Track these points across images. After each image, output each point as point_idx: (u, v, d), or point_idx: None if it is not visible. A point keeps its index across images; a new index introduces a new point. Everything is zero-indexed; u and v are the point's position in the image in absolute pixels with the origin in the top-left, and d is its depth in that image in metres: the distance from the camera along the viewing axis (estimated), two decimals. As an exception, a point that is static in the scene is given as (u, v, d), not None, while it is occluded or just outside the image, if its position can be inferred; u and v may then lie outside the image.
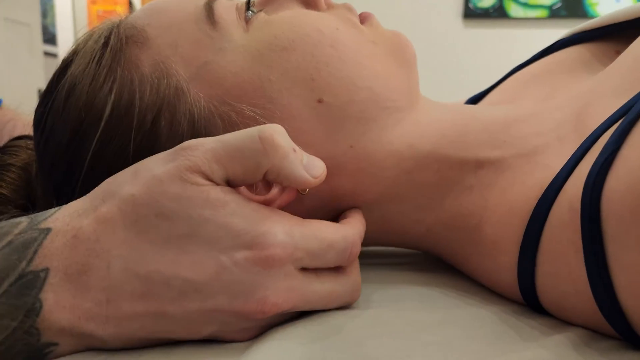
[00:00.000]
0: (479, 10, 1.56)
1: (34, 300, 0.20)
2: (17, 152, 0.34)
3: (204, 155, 0.22)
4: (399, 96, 0.31)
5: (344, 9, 0.33)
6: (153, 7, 0.31)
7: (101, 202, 0.22)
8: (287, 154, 0.23)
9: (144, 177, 0.22)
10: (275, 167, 0.23)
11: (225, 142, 0.23)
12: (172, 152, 0.23)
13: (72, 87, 0.28)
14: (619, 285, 0.22)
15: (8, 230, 0.21)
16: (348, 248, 0.25)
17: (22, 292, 0.20)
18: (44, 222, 0.22)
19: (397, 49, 0.32)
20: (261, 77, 0.28)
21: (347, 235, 0.25)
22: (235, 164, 0.23)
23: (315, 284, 0.24)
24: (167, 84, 0.28)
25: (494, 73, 0.50)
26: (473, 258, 0.31)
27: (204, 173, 0.22)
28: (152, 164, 0.23)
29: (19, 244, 0.21)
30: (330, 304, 0.26)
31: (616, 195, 0.22)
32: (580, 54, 0.39)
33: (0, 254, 0.20)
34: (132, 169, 0.24)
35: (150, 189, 0.22)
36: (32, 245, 0.21)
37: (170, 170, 0.22)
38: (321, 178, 0.25)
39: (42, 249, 0.21)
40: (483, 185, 0.30)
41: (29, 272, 0.20)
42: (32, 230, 0.21)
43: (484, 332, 0.25)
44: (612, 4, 1.53)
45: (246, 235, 0.22)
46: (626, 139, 0.23)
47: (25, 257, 0.20)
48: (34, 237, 0.21)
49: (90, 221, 0.22)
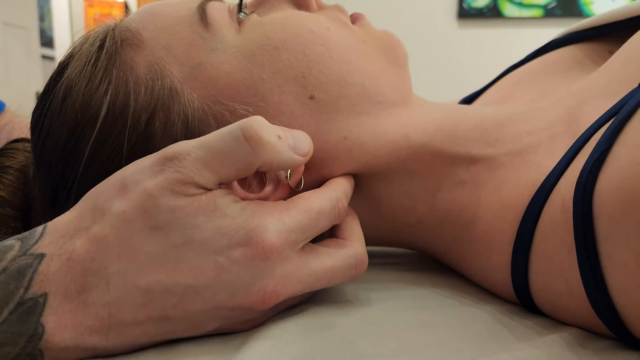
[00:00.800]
0: (474, 10, 1.56)
1: (35, 326, 0.20)
2: (14, 154, 0.35)
3: (193, 165, 0.23)
4: (391, 92, 0.31)
5: (335, 10, 0.33)
6: (147, 10, 0.31)
7: (92, 221, 0.22)
8: (275, 145, 0.23)
9: (133, 191, 0.22)
10: (266, 161, 0.23)
11: (212, 147, 0.23)
12: (158, 161, 0.23)
13: (68, 89, 0.29)
14: (612, 284, 0.22)
15: (1, 257, 0.21)
16: (335, 207, 0.26)
17: (23, 319, 0.20)
18: (36, 247, 0.21)
19: (388, 48, 0.33)
20: (253, 76, 0.29)
21: (331, 196, 0.26)
22: (227, 168, 0.23)
23: (313, 263, 0.25)
24: (162, 85, 0.28)
25: (489, 73, 0.50)
26: (467, 256, 0.31)
27: (196, 183, 0.23)
28: (139, 176, 0.23)
29: (14, 271, 0.21)
30: (334, 281, 0.26)
31: (607, 194, 0.22)
32: (573, 54, 0.40)
33: None
34: (118, 181, 0.23)
35: (143, 205, 0.22)
36: (28, 271, 0.21)
37: (161, 184, 0.22)
38: (310, 152, 0.26)
39: (38, 275, 0.21)
40: (476, 182, 0.30)
41: (28, 299, 0.20)
42: (25, 256, 0.21)
43: (476, 331, 0.25)
44: (607, 3, 1.53)
45: (239, 233, 0.22)
46: (617, 138, 0.23)
47: (22, 284, 0.20)
48: (28, 263, 0.21)
49: (83, 242, 0.22)
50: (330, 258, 0.26)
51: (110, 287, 0.21)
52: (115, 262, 0.22)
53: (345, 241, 0.27)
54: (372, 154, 0.30)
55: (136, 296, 0.22)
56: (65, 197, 0.28)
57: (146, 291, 0.22)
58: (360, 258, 0.27)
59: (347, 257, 0.26)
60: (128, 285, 0.21)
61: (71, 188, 0.28)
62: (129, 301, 0.21)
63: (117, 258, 0.22)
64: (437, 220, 0.32)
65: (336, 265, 0.26)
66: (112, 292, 0.21)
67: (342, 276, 0.26)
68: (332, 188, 0.28)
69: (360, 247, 0.27)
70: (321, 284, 0.25)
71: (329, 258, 0.25)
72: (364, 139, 0.30)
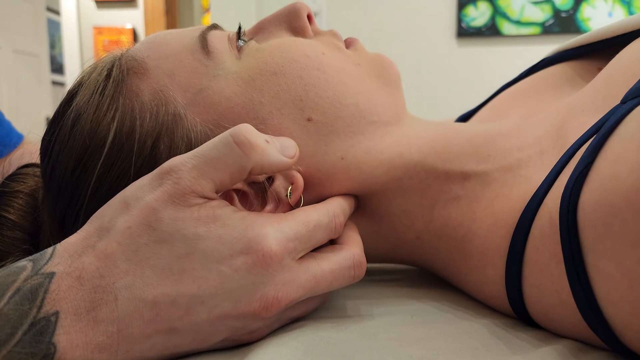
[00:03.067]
0: (472, 29, 1.59)
1: (47, 345, 0.21)
2: (24, 179, 0.36)
3: (190, 175, 0.24)
4: (385, 111, 0.32)
5: (330, 35, 0.35)
6: (152, 40, 0.33)
7: (97, 239, 0.23)
8: (264, 148, 0.25)
9: (135, 207, 0.23)
10: (257, 163, 0.25)
11: (205, 156, 0.24)
12: (156, 176, 0.24)
13: (77, 116, 0.30)
14: (600, 295, 0.22)
15: (15, 278, 0.22)
16: (332, 221, 0.27)
17: (36, 340, 0.20)
18: (46, 267, 0.22)
19: (381, 69, 0.34)
20: (253, 100, 0.30)
21: (329, 210, 0.28)
22: (221, 174, 0.24)
23: (313, 268, 0.25)
24: (166, 111, 0.29)
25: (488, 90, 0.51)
26: (463, 270, 0.32)
27: (195, 192, 0.24)
28: (140, 192, 0.24)
29: (27, 291, 0.21)
30: (335, 283, 0.27)
31: (590, 207, 0.22)
32: (563, 72, 0.41)
33: (12, 302, 0.21)
34: (121, 200, 0.24)
35: (146, 219, 0.23)
36: (40, 291, 0.21)
37: (161, 197, 0.23)
38: (297, 155, 0.27)
39: (50, 294, 0.21)
40: (470, 197, 0.31)
41: (41, 318, 0.21)
42: (37, 276, 0.22)
43: (471, 345, 0.25)
44: (604, 20, 1.55)
45: (240, 242, 0.23)
46: (599, 152, 0.23)
47: (35, 304, 0.21)
48: (39, 282, 0.21)
49: (91, 259, 0.22)
50: (329, 261, 0.26)
51: (118, 302, 0.22)
52: (122, 277, 0.22)
53: (341, 245, 0.28)
54: (368, 173, 0.31)
55: (143, 310, 0.22)
56: (73, 220, 0.30)
57: (153, 304, 0.22)
58: (358, 259, 0.28)
59: (345, 259, 0.27)
60: (135, 299, 0.22)
61: (79, 211, 0.29)
62: (136, 316, 0.22)
63: (125, 273, 0.22)
64: (434, 235, 0.32)
65: (335, 267, 0.26)
66: (120, 307, 0.22)
67: (342, 278, 0.27)
68: (330, 204, 0.29)
69: (356, 248, 0.28)
70: (322, 287, 0.26)
71: (327, 261, 0.26)
72: (361, 158, 0.31)
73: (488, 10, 1.57)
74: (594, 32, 0.39)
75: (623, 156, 0.22)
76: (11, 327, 0.20)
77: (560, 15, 1.56)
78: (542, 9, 1.57)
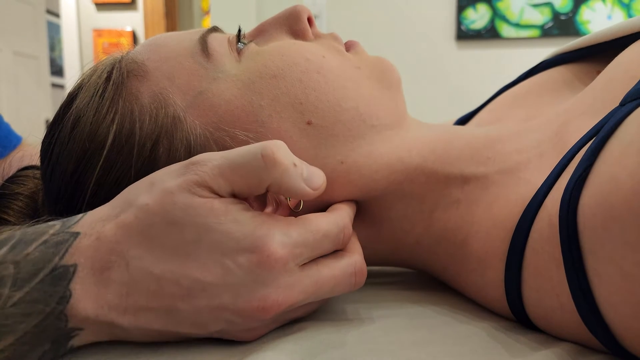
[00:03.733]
0: (472, 32, 1.59)
1: (64, 289, 0.22)
2: (24, 181, 0.36)
3: (211, 170, 0.24)
4: (385, 115, 0.32)
5: (330, 38, 0.35)
6: (152, 43, 0.33)
7: (121, 210, 0.25)
8: (287, 168, 0.25)
9: (157, 188, 0.24)
10: (276, 181, 0.25)
11: (230, 159, 0.25)
12: (184, 165, 0.25)
13: (77, 119, 0.30)
14: (600, 298, 0.22)
15: (44, 230, 0.24)
16: (340, 232, 0.27)
17: (55, 282, 0.22)
18: (73, 227, 0.24)
19: (381, 73, 0.34)
20: (253, 103, 0.30)
21: (338, 221, 0.27)
22: (239, 179, 0.24)
23: (314, 273, 0.26)
24: (165, 113, 0.29)
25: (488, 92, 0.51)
26: (463, 273, 0.32)
27: (210, 187, 0.24)
28: (166, 177, 0.25)
29: (53, 243, 0.23)
30: (335, 290, 0.27)
31: (589, 210, 0.22)
32: (562, 75, 0.41)
33: (38, 249, 0.23)
34: (149, 179, 0.26)
35: (163, 200, 0.24)
36: (64, 244, 0.23)
37: (181, 184, 0.24)
38: (321, 189, 0.27)
39: (72, 248, 0.23)
40: (470, 201, 0.31)
41: (61, 265, 0.23)
42: (64, 232, 0.24)
43: (471, 348, 0.25)
44: (603, 22, 1.55)
45: (247, 240, 0.24)
46: (598, 155, 0.23)
47: (58, 253, 0.23)
48: (65, 238, 0.23)
49: (111, 226, 0.24)
50: (330, 268, 0.26)
51: (129, 268, 0.23)
52: (135, 247, 0.23)
53: (344, 252, 0.28)
54: (369, 178, 0.31)
55: (150, 282, 0.23)
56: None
57: (158, 278, 0.23)
58: (359, 266, 0.28)
59: (347, 266, 0.27)
60: (144, 270, 0.23)
61: (79, 213, 0.29)
62: (143, 286, 0.23)
63: (138, 244, 0.23)
64: (434, 239, 0.32)
65: (336, 274, 0.26)
66: (130, 273, 0.23)
67: (342, 285, 0.27)
68: (339, 214, 0.28)
69: (358, 256, 0.28)
70: (323, 293, 0.26)
71: (328, 268, 0.26)
72: (361, 162, 0.31)
73: (487, 13, 1.58)
74: (593, 35, 0.39)
75: (622, 159, 0.22)
76: (36, 268, 0.22)
77: (559, 18, 1.57)
78: (542, 12, 1.57)
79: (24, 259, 0.22)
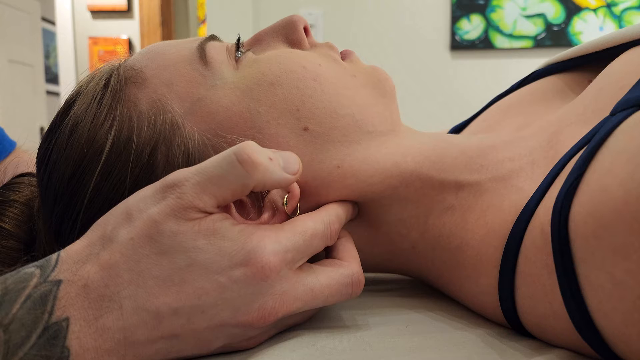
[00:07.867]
0: (466, 42, 1.61)
1: (61, 349, 0.21)
2: (20, 188, 0.36)
3: (192, 190, 0.24)
4: (380, 122, 0.33)
5: (326, 47, 0.35)
6: (150, 50, 0.33)
7: (101, 247, 0.24)
8: (267, 166, 0.25)
9: (138, 219, 0.24)
10: (259, 182, 0.25)
11: (208, 173, 0.24)
12: (159, 189, 0.24)
13: (75, 125, 0.30)
14: (592, 305, 0.23)
15: (25, 284, 0.22)
16: (327, 229, 0.28)
17: (50, 343, 0.21)
18: (53, 274, 0.23)
19: (376, 81, 0.34)
20: (250, 110, 0.30)
21: (323, 218, 0.28)
22: (223, 190, 0.24)
23: (310, 281, 0.26)
24: (163, 120, 0.30)
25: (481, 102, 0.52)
26: (457, 281, 0.32)
27: (196, 207, 0.24)
28: (142, 204, 0.24)
29: (38, 297, 0.22)
30: (331, 299, 0.27)
31: (580, 219, 0.23)
32: (554, 84, 0.41)
33: (24, 307, 0.21)
34: (123, 210, 0.25)
35: (148, 232, 0.23)
36: (49, 297, 0.22)
37: (164, 210, 0.24)
38: (300, 171, 0.27)
39: (59, 300, 0.22)
40: (464, 207, 0.31)
41: (53, 323, 0.21)
42: (45, 283, 0.22)
43: (466, 355, 0.25)
44: (595, 33, 1.58)
45: (239, 254, 0.24)
46: (589, 165, 0.24)
47: (46, 310, 0.22)
48: (48, 289, 0.22)
49: (95, 269, 0.23)
50: (327, 276, 0.27)
51: (123, 311, 0.23)
52: (126, 287, 0.23)
53: (341, 261, 0.28)
54: (364, 182, 0.31)
55: (147, 319, 0.23)
56: (69, 228, 0.30)
57: (156, 314, 0.23)
58: (357, 277, 0.28)
59: (344, 276, 0.27)
60: (139, 309, 0.23)
61: (76, 219, 0.29)
62: (141, 324, 0.23)
63: (128, 283, 0.23)
64: (429, 245, 0.33)
65: (333, 283, 0.27)
66: (125, 316, 0.23)
67: (339, 294, 0.27)
68: (325, 212, 0.29)
69: (356, 266, 0.28)
70: (319, 301, 0.26)
71: (325, 276, 0.27)
72: (356, 167, 0.31)
73: (481, 23, 1.60)
74: (584, 45, 0.40)
75: (612, 169, 0.22)
76: (26, 330, 0.21)
77: (552, 28, 1.59)
78: (535, 23, 1.59)
79: (12, 321, 0.21)
